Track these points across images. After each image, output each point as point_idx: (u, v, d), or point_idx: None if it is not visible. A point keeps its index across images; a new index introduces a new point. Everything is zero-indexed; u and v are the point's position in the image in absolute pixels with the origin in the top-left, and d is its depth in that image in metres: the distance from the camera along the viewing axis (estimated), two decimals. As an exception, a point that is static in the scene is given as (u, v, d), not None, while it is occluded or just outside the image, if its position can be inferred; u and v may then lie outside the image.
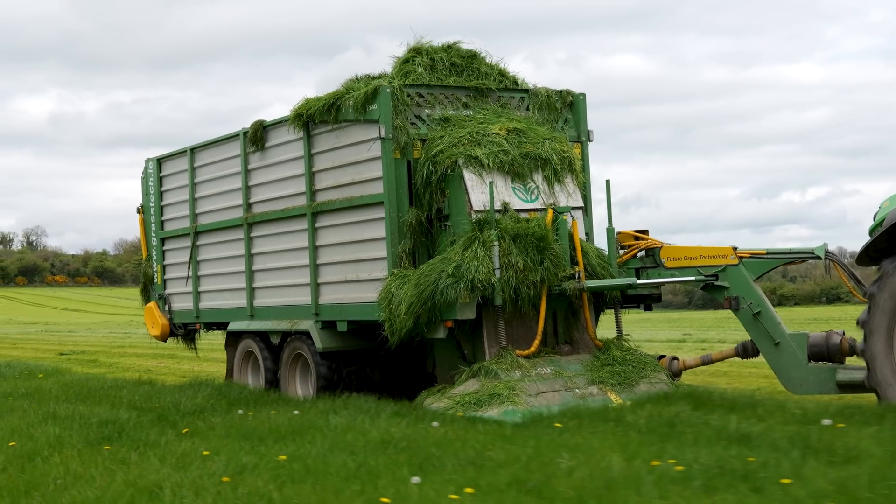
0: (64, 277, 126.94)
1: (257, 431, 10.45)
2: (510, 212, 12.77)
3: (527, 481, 7.62)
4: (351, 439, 9.63)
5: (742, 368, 17.58)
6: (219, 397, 13.57)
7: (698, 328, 35.31)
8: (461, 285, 12.03)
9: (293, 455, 8.95)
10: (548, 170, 13.28)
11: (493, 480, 7.69)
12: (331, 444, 9.51)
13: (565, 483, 7.40)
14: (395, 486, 7.60)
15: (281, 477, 8.13)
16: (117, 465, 8.98)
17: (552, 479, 7.63)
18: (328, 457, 8.84)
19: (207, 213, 16.82)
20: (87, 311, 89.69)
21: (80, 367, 24.33)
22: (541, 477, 7.73)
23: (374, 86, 13.25)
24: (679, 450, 8.43)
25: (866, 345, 10.66)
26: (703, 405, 10.58)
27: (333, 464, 8.54)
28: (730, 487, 7.17)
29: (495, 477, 7.80)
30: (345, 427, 10.38)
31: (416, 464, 8.45)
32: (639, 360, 12.72)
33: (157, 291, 18.13)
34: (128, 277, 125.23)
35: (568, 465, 8.04)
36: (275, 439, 9.96)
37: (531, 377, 12.09)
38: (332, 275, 14.18)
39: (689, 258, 13.02)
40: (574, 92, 14.50)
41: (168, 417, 11.99)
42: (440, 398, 12.26)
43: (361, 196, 13.54)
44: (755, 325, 12.51)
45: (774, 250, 12.70)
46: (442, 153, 13.02)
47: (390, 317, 12.66)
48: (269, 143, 15.26)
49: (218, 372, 19.39)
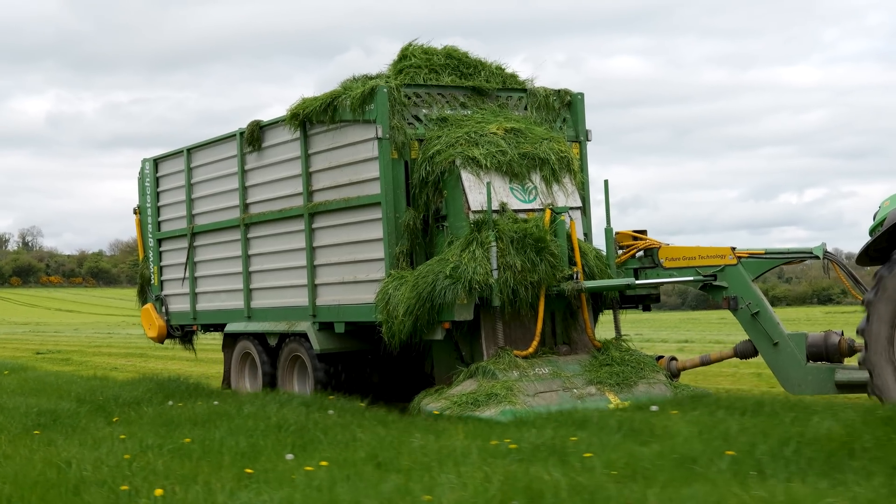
0: (59, 278, 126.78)
1: (178, 419, 11.45)
2: (508, 212, 12.72)
3: (378, 456, 8.74)
4: (252, 424, 10.75)
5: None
6: (157, 391, 14.74)
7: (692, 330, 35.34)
8: (459, 286, 11.98)
9: (197, 438, 9.94)
10: (546, 170, 13.23)
11: (352, 456, 8.80)
12: (235, 428, 10.55)
13: (408, 458, 8.52)
14: (270, 462, 8.75)
15: (177, 455, 9.16)
16: (42, 446, 9.84)
17: (400, 454, 8.71)
18: (227, 439, 9.80)
19: (204, 214, 16.76)
20: (81, 311, 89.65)
21: (51, 366, 25.28)
22: (392, 453, 8.82)
23: (371, 85, 13.20)
24: (511, 432, 9.73)
25: (866, 353, 10.63)
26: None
27: (228, 444, 9.54)
28: (541, 460, 8.22)
29: (355, 453, 8.93)
30: (253, 414, 11.46)
31: (299, 444, 9.57)
32: (637, 360, 12.68)
33: (153, 293, 18.07)
34: (123, 278, 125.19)
35: (419, 443, 9.22)
36: (191, 425, 10.93)
37: (529, 377, 12.05)
38: (330, 276, 14.13)
39: (687, 258, 12.97)
40: (572, 91, 14.45)
41: (106, 408, 12.96)
42: (437, 398, 12.22)
43: (358, 197, 13.49)
44: (754, 325, 12.47)
45: (773, 250, 12.66)
46: (439, 154, 12.97)
47: (388, 318, 12.61)
48: (265, 143, 15.21)
49: (196, 372, 20.75)
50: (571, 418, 10.33)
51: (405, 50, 14.38)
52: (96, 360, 28.25)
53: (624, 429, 9.45)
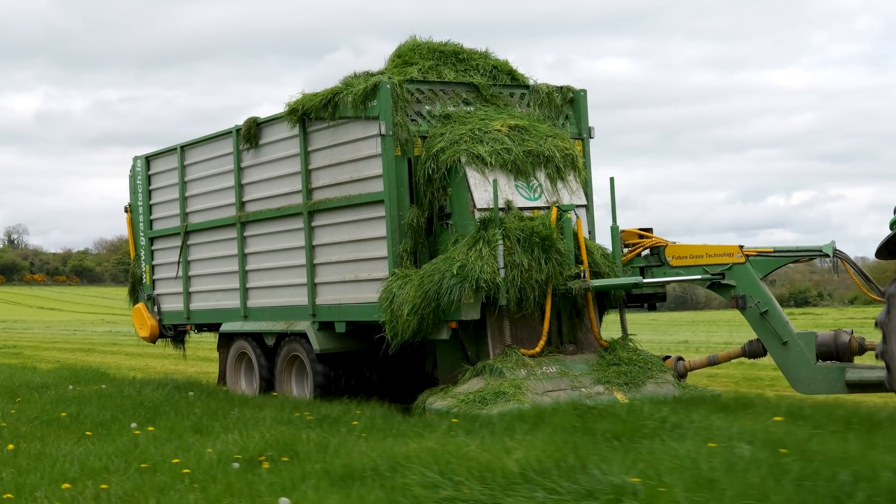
0: (43, 276, 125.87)
1: (69, 398, 13.72)
2: (513, 210, 12.57)
3: (199, 424, 10.89)
4: (120, 402, 12.98)
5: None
6: (70, 379, 16.97)
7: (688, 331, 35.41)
8: (466, 285, 11.81)
9: (73, 412, 12.11)
10: (550, 167, 13.09)
11: (181, 424, 10.92)
12: (106, 405, 12.73)
13: (221, 425, 10.72)
14: (116, 429, 10.83)
15: (49, 424, 11.33)
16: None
17: (217, 422, 10.92)
18: (95, 413, 11.98)
19: (198, 212, 16.53)
20: (63, 309, 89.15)
21: (1, 359, 26.83)
22: (213, 422, 10.98)
23: (374, 81, 13.00)
24: (311, 407, 12.20)
25: (885, 346, 10.48)
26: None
27: (91, 416, 11.81)
28: (318, 427, 10.45)
29: (181, 423, 11.04)
30: (132, 395, 13.73)
31: (149, 417, 11.66)
32: (645, 360, 12.54)
33: (145, 292, 17.81)
34: (106, 276, 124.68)
35: (237, 415, 11.47)
36: (77, 403, 13.05)
37: (537, 376, 11.90)
38: (330, 275, 13.93)
39: (694, 256, 12.84)
40: (575, 88, 14.30)
41: (16, 391, 15.03)
42: (443, 397, 12.05)
43: (360, 194, 13.29)
44: (762, 325, 12.34)
45: (782, 248, 12.54)
46: (444, 151, 12.80)
47: (392, 318, 12.42)
48: (263, 140, 14.99)
49: (152, 367, 22.67)
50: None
51: (404, 46, 14.23)
52: (46, 354, 29.94)
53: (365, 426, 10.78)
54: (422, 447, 8.40)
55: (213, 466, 8.40)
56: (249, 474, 8.09)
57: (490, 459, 7.57)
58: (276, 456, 8.73)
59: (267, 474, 8.03)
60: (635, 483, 6.69)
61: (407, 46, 14.27)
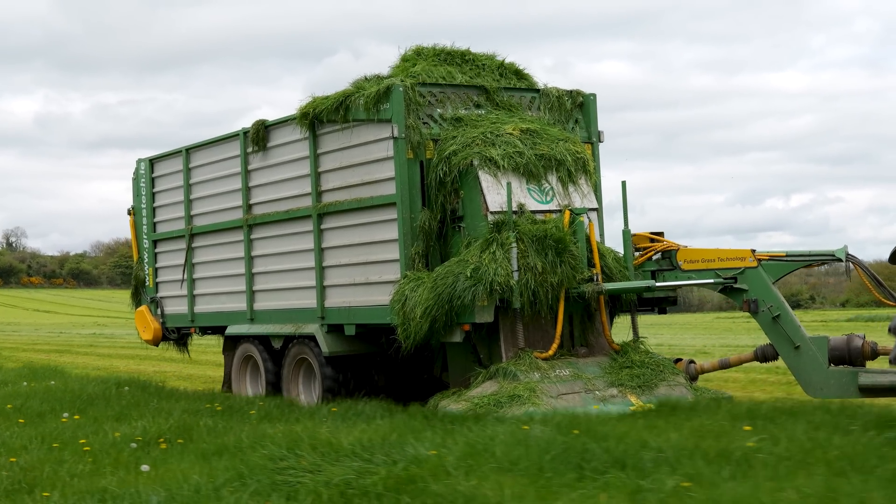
0: (39, 279, 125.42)
1: (18, 393, 15.06)
2: (526, 213, 12.58)
3: (121, 413, 12.36)
4: (65, 397, 14.26)
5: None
6: (25, 375, 18.57)
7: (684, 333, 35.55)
8: (480, 288, 11.81)
9: (18, 405, 13.34)
10: (562, 171, 13.11)
11: (102, 414, 12.32)
12: (50, 399, 14.00)
13: (137, 413, 12.22)
14: (51, 420, 12.02)
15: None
16: None
17: (136, 412, 12.34)
18: (39, 406, 13.17)
19: (204, 215, 16.48)
20: (58, 312, 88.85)
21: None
22: (132, 411, 12.44)
23: (387, 84, 13.01)
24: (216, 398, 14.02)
25: None
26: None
27: (32, 407, 13.06)
28: (220, 416, 11.89)
29: (106, 412, 12.46)
30: (74, 390, 15.14)
31: (83, 408, 12.95)
32: (657, 363, 12.56)
33: (148, 294, 17.75)
34: (103, 279, 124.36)
35: (156, 405, 12.90)
36: (24, 397, 14.30)
37: (550, 379, 11.90)
38: (340, 277, 13.91)
39: (706, 260, 12.85)
40: (584, 92, 14.34)
41: None
42: (457, 400, 12.02)
43: (372, 197, 13.28)
44: (774, 329, 12.36)
45: (794, 253, 12.56)
46: (456, 154, 12.81)
47: (404, 320, 12.41)
48: (271, 143, 14.97)
49: (116, 367, 24.16)
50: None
51: (411, 50, 14.22)
52: (21, 354, 30.96)
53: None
54: (286, 429, 10.04)
55: (114, 446, 9.93)
56: (141, 451, 9.66)
57: (331, 439, 9.11)
58: (172, 438, 10.22)
59: (159, 452, 9.57)
60: (431, 455, 8.26)
61: (413, 50, 14.28)
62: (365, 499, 7.23)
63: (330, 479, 7.69)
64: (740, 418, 9.86)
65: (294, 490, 7.56)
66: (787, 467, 7.61)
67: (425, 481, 7.43)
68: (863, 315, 44.78)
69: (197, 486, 7.76)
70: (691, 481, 7.19)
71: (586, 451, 8.16)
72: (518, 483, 7.43)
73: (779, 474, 7.40)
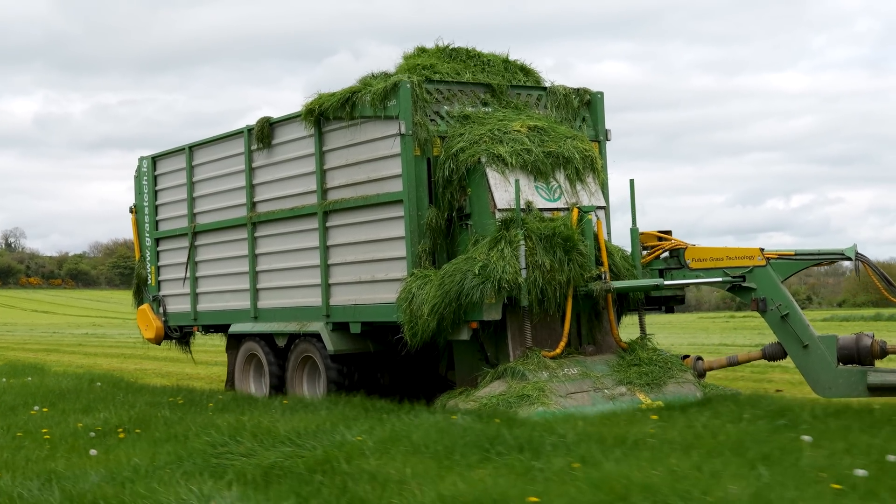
0: (38, 279, 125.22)
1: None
2: (533, 211, 12.52)
3: (88, 406, 13.06)
4: (38, 392, 15.12)
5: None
6: (6, 372, 19.66)
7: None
8: (488, 285, 11.74)
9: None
10: (570, 169, 13.05)
11: (71, 407, 13.10)
12: (24, 393, 14.94)
13: (105, 405, 13.02)
14: (22, 412, 12.74)
15: None
16: None
17: (100, 404, 13.14)
18: (13, 400, 14.01)
19: (207, 213, 16.40)
20: (56, 312, 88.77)
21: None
22: (98, 403, 13.26)
23: (394, 81, 12.94)
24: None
25: None
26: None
27: (6, 401, 13.86)
28: (178, 408, 12.55)
29: (74, 405, 13.26)
30: (49, 385, 16.07)
31: (54, 402, 13.72)
32: (665, 360, 12.51)
33: (150, 293, 17.66)
34: (102, 280, 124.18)
35: (122, 399, 13.72)
36: (1, 392, 15.22)
37: (559, 378, 11.84)
38: (345, 275, 13.84)
39: (714, 259, 12.81)
40: (591, 90, 14.29)
41: None
42: (465, 400, 11.96)
43: (378, 194, 13.21)
44: (783, 328, 12.33)
45: (803, 251, 12.52)
46: (463, 151, 12.74)
47: (411, 318, 12.34)
48: (275, 140, 14.89)
49: (98, 365, 24.49)
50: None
51: (417, 49, 14.17)
52: (9, 353, 31.42)
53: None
54: (234, 419, 10.76)
55: (73, 434, 10.65)
56: (99, 440, 10.33)
57: (271, 427, 9.87)
58: (131, 428, 10.90)
59: (116, 440, 10.28)
60: (355, 440, 9.10)
61: (418, 49, 14.22)
62: (284, 478, 7.90)
63: (260, 461, 8.44)
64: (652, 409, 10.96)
65: (223, 470, 8.26)
66: (670, 450, 8.42)
67: (339, 462, 8.18)
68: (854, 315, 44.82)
69: (136, 467, 8.48)
70: (581, 462, 7.97)
71: (497, 437, 8.97)
72: (424, 463, 8.17)
73: (660, 456, 8.17)
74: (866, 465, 7.58)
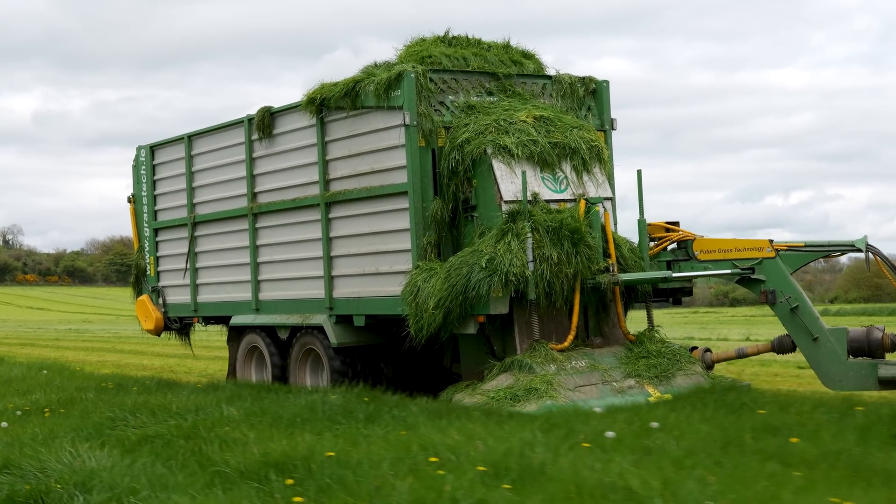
0: (34, 276, 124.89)
1: None
2: (540, 203, 12.36)
3: (27, 388, 14.34)
4: (22, 382, 15.92)
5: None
6: None
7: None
8: (495, 279, 11.59)
9: None
10: (576, 159, 12.89)
11: (10, 390, 14.43)
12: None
13: (42, 388, 14.34)
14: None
15: None
16: None
17: (39, 387, 14.43)
18: None
19: (207, 203, 16.23)
20: (51, 309, 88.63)
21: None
22: (36, 387, 14.69)
23: (398, 71, 12.76)
24: None
25: None
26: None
27: None
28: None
29: (13, 388, 14.70)
30: (22, 375, 17.25)
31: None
32: (673, 352, 12.40)
33: (149, 284, 17.49)
34: (98, 276, 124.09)
35: (58, 384, 15.03)
36: None
37: (567, 371, 11.72)
38: (348, 267, 13.68)
39: (723, 251, 12.67)
40: (597, 79, 14.13)
41: None
42: (472, 394, 11.83)
43: (382, 186, 13.04)
44: (792, 320, 12.20)
45: (813, 243, 12.40)
46: (469, 142, 12.57)
47: (417, 311, 12.19)
48: (277, 130, 14.71)
49: (64, 357, 25.32)
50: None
51: (420, 39, 13.96)
52: None
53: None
54: (141, 399, 12.01)
55: (2, 413, 11.91)
56: (24, 418, 11.56)
57: (167, 405, 11.21)
58: (57, 408, 12.11)
59: (40, 418, 11.37)
60: (233, 413, 10.42)
61: (417, 41, 14.00)
62: (154, 442, 9.21)
63: (145, 432, 9.68)
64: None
65: (109, 438, 9.61)
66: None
67: (201, 430, 9.44)
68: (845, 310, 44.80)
69: (34, 435, 9.85)
70: (408, 430, 9.10)
71: (351, 412, 10.25)
72: (272, 430, 9.43)
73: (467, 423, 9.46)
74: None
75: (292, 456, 7.90)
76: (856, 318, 35.97)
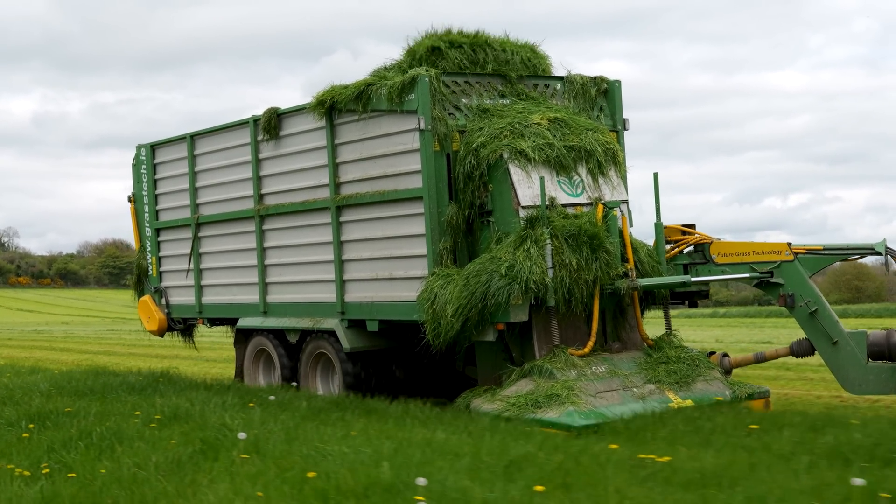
0: (27, 279, 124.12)
1: None
2: (557, 207, 12.25)
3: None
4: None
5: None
6: None
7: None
8: (515, 286, 11.48)
9: None
10: (592, 162, 12.77)
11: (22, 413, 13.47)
12: None
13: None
14: None
15: None
16: None
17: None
18: None
19: (211, 204, 16.05)
20: (41, 311, 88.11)
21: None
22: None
23: (412, 74, 12.60)
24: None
25: None
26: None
27: None
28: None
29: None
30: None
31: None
32: (692, 357, 12.33)
33: (152, 284, 17.31)
34: (91, 279, 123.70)
35: (6, 381, 16.11)
36: None
37: (587, 376, 11.63)
38: (360, 271, 13.55)
39: (741, 254, 12.61)
40: (609, 79, 14.00)
41: None
42: (491, 400, 11.74)
43: (396, 190, 12.90)
44: (811, 324, 12.17)
45: (831, 246, 12.35)
46: (484, 146, 12.43)
47: (434, 318, 12.08)
48: (284, 131, 14.53)
49: (36, 357, 26.46)
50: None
51: (428, 38, 13.73)
52: None
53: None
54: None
55: None
56: None
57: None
58: None
59: None
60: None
61: (429, 37, 13.79)
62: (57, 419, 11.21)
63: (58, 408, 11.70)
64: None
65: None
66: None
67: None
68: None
69: None
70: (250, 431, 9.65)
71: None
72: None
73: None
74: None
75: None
76: (855, 320, 36.09)
